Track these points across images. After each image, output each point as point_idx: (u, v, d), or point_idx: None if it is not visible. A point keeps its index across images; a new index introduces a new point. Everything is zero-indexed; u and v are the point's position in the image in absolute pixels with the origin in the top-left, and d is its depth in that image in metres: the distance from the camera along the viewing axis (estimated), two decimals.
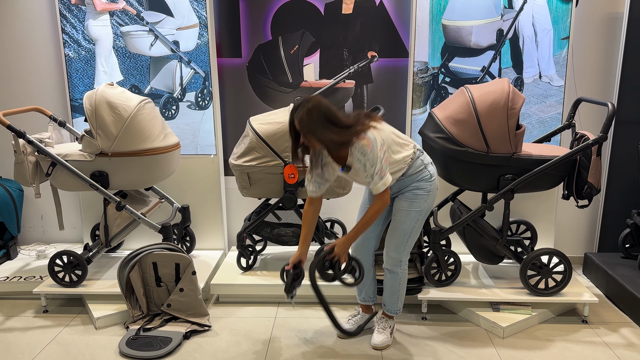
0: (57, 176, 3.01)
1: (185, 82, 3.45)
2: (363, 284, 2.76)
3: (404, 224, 2.53)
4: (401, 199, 2.53)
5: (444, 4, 3.25)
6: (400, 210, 2.52)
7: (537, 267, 2.92)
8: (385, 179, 2.34)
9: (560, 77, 3.31)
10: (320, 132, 2.23)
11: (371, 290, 2.80)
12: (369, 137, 2.27)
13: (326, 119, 2.22)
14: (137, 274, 2.89)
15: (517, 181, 2.81)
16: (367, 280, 2.75)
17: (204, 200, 3.59)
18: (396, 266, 2.60)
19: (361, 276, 2.53)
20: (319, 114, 2.21)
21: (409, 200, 2.50)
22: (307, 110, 2.21)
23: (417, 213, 2.51)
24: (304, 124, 2.23)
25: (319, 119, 2.21)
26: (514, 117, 2.75)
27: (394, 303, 2.69)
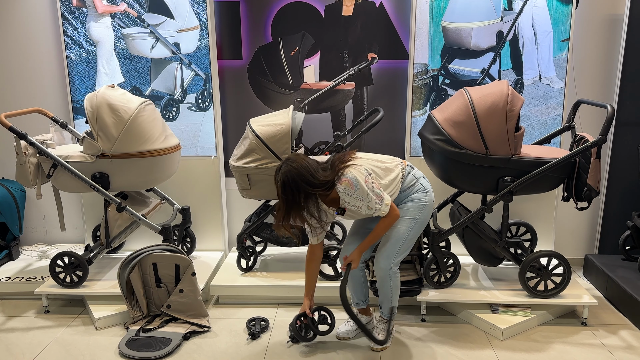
0: (58, 177, 3.03)
1: (186, 84, 3.47)
2: (353, 290, 2.79)
3: (397, 231, 2.53)
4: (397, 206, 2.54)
5: (443, 6, 3.25)
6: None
7: (536, 269, 2.92)
8: (385, 201, 2.40)
9: (560, 79, 3.31)
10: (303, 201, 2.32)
11: (362, 294, 2.81)
12: (348, 178, 2.33)
13: (303, 183, 2.29)
14: (138, 275, 2.91)
15: (516, 183, 2.81)
16: (357, 285, 2.77)
17: (204, 202, 3.60)
18: (385, 274, 2.59)
19: (333, 323, 2.77)
20: (295, 184, 2.29)
21: (404, 209, 2.53)
22: (282, 183, 2.29)
23: (411, 221, 2.53)
24: (287, 200, 2.31)
25: (296, 189, 2.29)
26: (513, 119, 2.74)
27: (386, 308, 2.70)
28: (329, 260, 3.20)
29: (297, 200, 2.32)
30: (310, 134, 3.62)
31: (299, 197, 2.32)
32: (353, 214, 2.45)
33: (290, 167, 2.31)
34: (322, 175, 2.33)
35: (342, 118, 3.60)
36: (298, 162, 2.32)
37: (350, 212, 2.44)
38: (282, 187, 2.30)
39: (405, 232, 2.53)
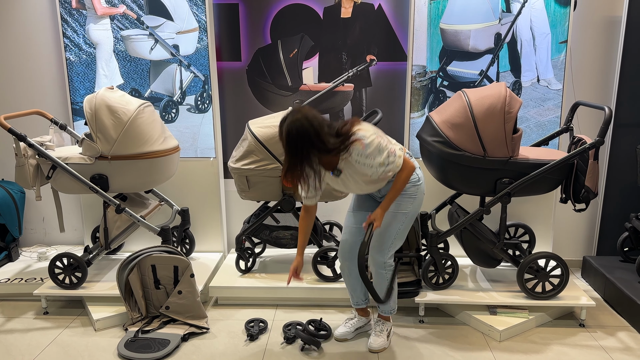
0: (57, 179, 3.03)
1: (185, 86, 3.47)
2: (352, 288, 2.79)
3: (390, 226, 2.54)
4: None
5: (442, 8, 3.25)
6: (387, 213, 2.52)
7: (534, 271, 2.92)
8: (398, 153, 2.37)
9: (558, 81, 3.31)
10: (306, 152, 2.20)
11: (362, 293, 2.81)
12: (358, 137, 2.27)
13: (307, 143, 2.19)
14: (136, 277, 2.91)
15: (514, 185, 2.82)
16: (357, 285, 2.77)
17: (203, 203, 3.61)
18: (380, 268, 2.60)
19: (329, 333, 2.81)
20: (301, 140, 2.18)
21: (395, 203, 2.51)
22: (288, 129, 2.18)
23: (403, 215, 2.53)
24: (294, 136, 2.18)
25: (300, 145, 2.19)
26: (511, 121, 2.74)
27: (386, 303, 2.70)
28: (327, 261, 3.20)
29: (298, 154, 2.20)
30: None
31: (301, 152, 2.20)
32: (350, 178, 2.38)
33: (300, 122, 2.17)
34: (331, 141, 2.23)
35: (341, 120, 3.61)
36: (309, 120, 2.18)
37: (347, 176, 2.38)
38: (286, 138, 2.18)
39: (398, 226, 2.54)
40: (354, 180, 2.42)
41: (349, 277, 2.76)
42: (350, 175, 2.40)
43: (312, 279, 3.23)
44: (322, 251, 3.20)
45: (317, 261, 3.20)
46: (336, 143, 2.24)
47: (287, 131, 2.18)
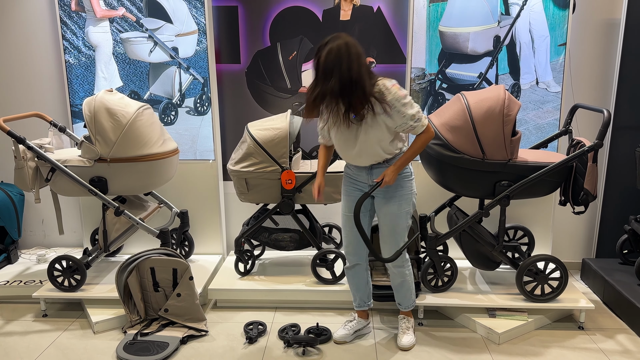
0: (56, 181, 3.03)
1: (184, 88, 3.47)
2: (357, 288, 2.79)
3: (398, 226, 2.56)
4: (389, 203, 2.53)
5: (441, 11, 3.25)
6: (391, 215, 2.54)
7: (533, 274, 2.92)
8: (424, 115, 2.39)
9: (557, 84, 3.31)
10: (347, 69, 2.14)
11: (365, 295, 2.81)
12: (395, 83, 2.31)
13: (358, 56, 2.18)
14: (135, 279, 2.91)
15: (513, 187, 2.81)
16: (361, 285, 2.78)
17: (202, 205, 3.61)
18: (399, 266, 2.65)
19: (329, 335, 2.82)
20: (353, 50, 2.16)
21: (396, 204, 2.52)
22: (337, 46, 2.14)
23: (405, 214, 2.56)
24: (332, 58, 2.13)
25: (353, 54, 2.15)
26: (510, 124, 2.75)
27: (408, 298, 2.75)
28: (326, 264, 3.20)
29: (328, 79, 2.15)
30: (308, 138, 3.63)
31: (331, 76, 2.14)
32: (369, 129, 2.32)
33: (347, 45, 2.14)
34: (365, 76, 2.19)
35: None
36: (349, 47, 2.14)
37: (367, 127, 2.31)
38: (324, 59, 2.13)
39: (405, 222, 2.56)
40: (367, 135, 2.35)
41: (355, 278, 2.76)
42: (370, 127, 2.33)
43: (311, 281, 3.23)
44: (321, 254, 3.19)
45: (316, 264, 3.20)
46: (369, 82, 2.23)
47: (326, 53, 2.13)
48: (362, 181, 2.58)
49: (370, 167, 2.50)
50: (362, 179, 2.57)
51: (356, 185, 2.61)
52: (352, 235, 2.67)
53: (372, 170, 2.52)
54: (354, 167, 2.57)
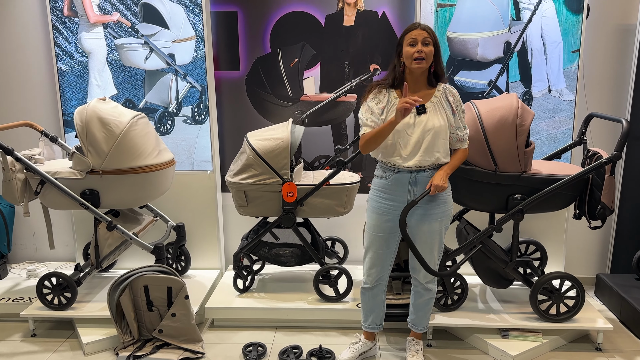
0: (46, 194, 2.92)
1: (181, 96, 3.37)
2: (371, 310, 2.63)
3: (439, 243, 2.47)
4: (431, 219, 2.39)
5: (449, 16, 3.15)
6: (432, 232, 2.42)
7: (548, 292, 2.78)
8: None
9: (570, 92, 3.21)
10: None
11: (379, 317, 2.65)
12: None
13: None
14: (128, 298, 2.76)
15: (526, 201, 2.68)
16: (377, 307, 2.62)
17: (200, 218, 3.49)
18: (433, 282, 2.55)
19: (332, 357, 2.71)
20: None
21: (438, 221, 2.41)
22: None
23: (445, 230, 2.49)
24: (435, 35, 2.29)
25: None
26: (523, 134, 2.63)
27: (425, 319, 2.65)
28: (329, 281, 3.06)
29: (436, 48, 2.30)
30: (310, 147, 3.52)
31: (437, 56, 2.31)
32: (429, 122, 2.28)
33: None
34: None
35: (344, 131, 3.49)
36: None
37: (427, 120, 2.28)
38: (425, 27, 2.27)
39: (442, 239, 2.48)
40: (430, 129, 2.28)
41: (372, 299, 2.59)
42: (435, 116, 2.30)
43: (313, 299, 3.09)
44: (323, 270, 3.06)
45: (318, 280, 3.06)
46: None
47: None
48: (399, 195, 2.38)
49: (416, 174, 2.34)
50: (401, 193, 2.37)
51: (391, 202, 2.40)
52: (377, 257, 2.49)
53: (417, 180, 2.35)
54: (394, 177, 2.36)
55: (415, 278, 2.53)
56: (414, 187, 2.36)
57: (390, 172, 2.38)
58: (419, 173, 2.34)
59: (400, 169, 2.35)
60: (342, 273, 3.06)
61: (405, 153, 2.31)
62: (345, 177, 3.04)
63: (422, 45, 2.23)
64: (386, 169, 2.40)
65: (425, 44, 2.23)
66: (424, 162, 2.31)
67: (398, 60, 2.31)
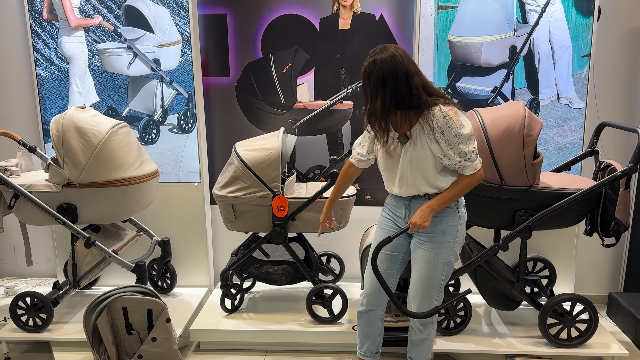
0: (21, 209, 2.78)
1: (166, 104, 3.25)
2: (366, 336, 2.43)
3: (432, 278, 2.19)
4: (424, 247, 2.18)
5: (450, 19, 3.03)
6: (426, 263, 2.18)
7: (558, 315, 2.60)
8: (479, 158, 2.09)
9: (580, 99, 3.06)
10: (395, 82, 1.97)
11: (375, 345, 2.45)
12: (455, 109, 2.03)
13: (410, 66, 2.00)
14: (106, 320, 2.57)
15: (535, 217, 2.51)
16: (373, 333, 2.42)
17: (187, 233, 3.33)
18: (427, 323, 2.30)
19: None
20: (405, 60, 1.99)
21: (433, 251, 2.16)
22: (390, 54, 1.98)
23: (444, 265, 2.18)
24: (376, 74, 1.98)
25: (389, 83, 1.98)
26: (531, 145, 2.47)
27: (424, 356, 2.39)
28: (322, 301, 2.87)
29: (379, 93, 1.99)
30: (304, 158, 3.37)
31: (385, 93, 1.97)
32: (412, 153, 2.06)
33: (399, 58, 1.97)
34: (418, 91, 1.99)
35: (339, 141, 3.35)
36: (407, 59, 2.00)
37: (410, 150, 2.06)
38: (372, 71, 1.98)
39: (440, 276, 2.20)
40: (410, 158, 2.08)
41: (368, 324, 2.40)
42: (414, 149, 2.06)
43: (306, 320, 2.91)
44: (317, 289, 2.88)
45: (311, 300, 2.88)
46: (423, 96, 2.00)
47: (372, 62, 1.99)
48: (399, 216, 2.25)
49: (409, 200, 2.17)
50: (399, 214, 2.24)
51: (393, 220, 2.28)
52: (375, 280, 2.29)
53: (411, 205, 2.18)
54: (394, 197, 2.25)
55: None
56: (408, 211, 2.20)
57: (390, 194, 2.30)
58: (414, 198, 2.18)
59: (394, 195, 2.24)
60: (337, 293, 2.87)
61: (392, 185, 2.20)
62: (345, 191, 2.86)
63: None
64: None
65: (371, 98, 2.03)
66: (411, 191, 2.16)
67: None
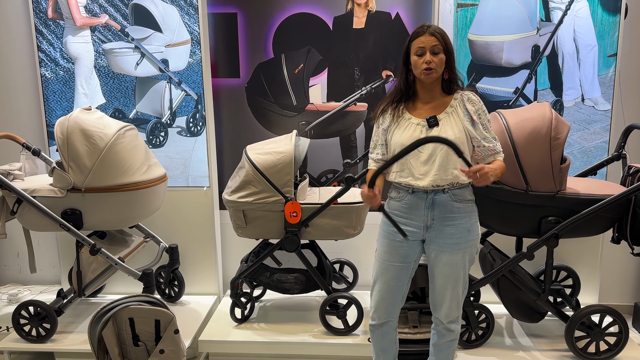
0: (24, 214, 2.70)
1: (175, 106, 3.20)
2: (382, 349, 2.32)
3: (459, 279, 2.13)
4: (450, 251, 2.08)
5: (470, 17, 2.95)
6: (454, 266, 2.10)
7: (586, 328, 2.48)
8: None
9: (606, 100, 2.98)
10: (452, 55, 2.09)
11: (391, 356, 2.33)
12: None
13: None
14: (112, 331, 2.48)
15: (562, 225, 2.40)
16: (389, 346, 2.31)
17: (195, 239, 3.26)
18: (456, 321, 2.20)
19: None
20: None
21: (461, 252, 2.08)
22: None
23: (469, 262, 2.16)
24: (447, 39, 2.06)
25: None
26: (559, 149, 2.38)
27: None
28: (337, 311, 2.76)
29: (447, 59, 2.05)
30: (316, 161, 3.30)
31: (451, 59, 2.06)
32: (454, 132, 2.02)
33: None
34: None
35: (353, 144, 3.28)
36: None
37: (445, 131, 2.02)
38: (447, 37, 2.06)
39: (466, 273, 2.15)
40: (446, 134, 2.02)
41: (382, 338, 2.29)
42: (450, 126, 2.04)
43: (319, 331, 2.81)
44: (331, 299, 2.77)
45: (325, 310, 2.78)
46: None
47: (440, 30, 2.07)
48: (415, 220, 2.10)
49: (433, 195, 2.06)
50: (417, 217, 2.09)
51: (405, 227, 2.10)
52: (387, 290, 2.19)
53: (435, 204, 2.06)
54: (410, 195, 2.09)
55: (436, 317, 2.21)
56: (431, 210, 2.07)
57: (404, 193, 2.11)
58: (436, 194, 2.06)
59: (416, 190, 2.08)
60: (352, 303, 2.77)
61: (418, 172, 2.06)
62: (355, 195, 2.77)
63: (431, 55, 2.02)
64: (400, 189, 2.13)
65: (434, 52, 2.03)
66: (440, 180, 2.04)
67: (406, 70, 2.11)
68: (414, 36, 2.07)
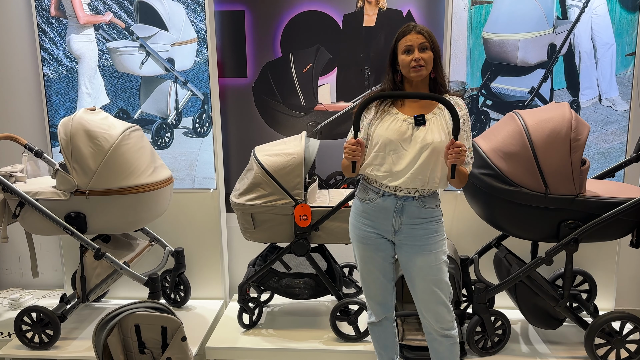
0: (26, 218, 2.64)
1: (181, 106, 3.14)
2: (384, 346, 2.32)
3: (441, 281, 2.08)
4: (423, 253, 2.06)
5: (485, 14, 2.89)
6: (429, 268, 2.06)
7: (606, 335, 2.41)
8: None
9: (624, 100, 2.92)
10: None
11: (393, 350, 2.34)
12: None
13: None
14: (117, 339, 2.42)
15: (582, 229, 2.33)
16: (390, 341, 2.31)
17: (201, 242, 3.21)
18: (452, 327, 2.14)
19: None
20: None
21: (433, 253, 2.06)
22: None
23: (445, 264, 2.11)
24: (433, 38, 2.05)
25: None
26: (579, 150, 2.31)
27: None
28: (348, 317, 2.69)
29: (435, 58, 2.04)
30: (325, 163, 3.24)
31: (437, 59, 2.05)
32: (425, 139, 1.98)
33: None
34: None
35: None
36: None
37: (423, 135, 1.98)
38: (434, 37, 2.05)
39: (446, 277, 2.11)
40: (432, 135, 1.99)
41: (383, 334, 2.30)
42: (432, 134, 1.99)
43: (329, 337, 2.74)
44: (341, 305, 2.70)
45: (335, 317, 2.72)
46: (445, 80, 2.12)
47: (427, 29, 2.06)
48: (382, 224, 2.09)
49: (403, 201, 2.03)
50: (384, 221, 2.08)
51: (373, 229, 2.11)
52: (378, 288, 2.20)
53: (404, 210, 2.04)
54: (380, 198, 2.06)
55: (426, 324, 2.15)
56: (399, 215, 2.05)
57: (373, 195, 2.09)
58: (406, 200, 2.04)
59: (386, 194, 2.05)
60: (364, 308, 2.70)
61: (397, 168, 2.02)
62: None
63: (420, 52, 2.01)
64: (369, 190, 2.10)
65: (422, 49, 2.02)
66: (415, 182, 2.00)
67: (392, 71, 2.08)
68: (400, 35, 2.06)
